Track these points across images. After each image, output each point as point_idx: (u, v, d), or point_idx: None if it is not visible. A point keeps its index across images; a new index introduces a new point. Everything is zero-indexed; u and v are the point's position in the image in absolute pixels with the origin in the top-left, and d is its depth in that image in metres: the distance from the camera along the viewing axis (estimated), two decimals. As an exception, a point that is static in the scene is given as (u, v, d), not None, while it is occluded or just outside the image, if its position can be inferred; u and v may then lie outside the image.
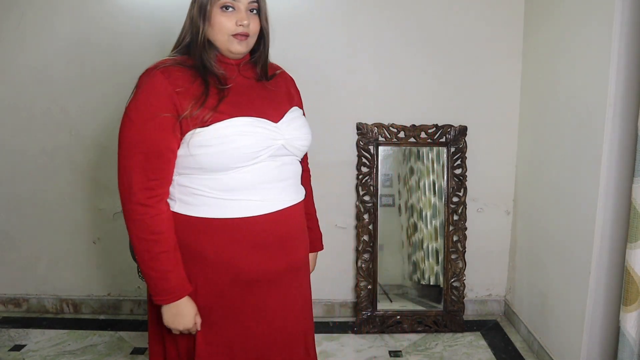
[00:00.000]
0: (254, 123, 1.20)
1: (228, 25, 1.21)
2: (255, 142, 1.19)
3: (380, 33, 2.37)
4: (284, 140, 1.24)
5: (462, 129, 2.42)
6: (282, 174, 1.26)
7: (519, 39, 2.38)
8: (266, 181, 1.23)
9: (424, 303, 2.51)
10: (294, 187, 1.32)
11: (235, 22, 1.21)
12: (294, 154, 1.29)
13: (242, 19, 1.20)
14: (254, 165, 1.21)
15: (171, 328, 1.25)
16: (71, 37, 2.40)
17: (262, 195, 1.23)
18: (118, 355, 2.28)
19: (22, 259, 2.66)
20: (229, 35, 1.22)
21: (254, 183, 1.22)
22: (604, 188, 1.73)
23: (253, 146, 1.19)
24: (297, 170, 1.33)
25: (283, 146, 1.24)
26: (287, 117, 1.28)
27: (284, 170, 1.27)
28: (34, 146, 2.52)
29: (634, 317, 1.60)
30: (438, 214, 2.46)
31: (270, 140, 1.21)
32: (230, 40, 1.23)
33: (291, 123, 1.28)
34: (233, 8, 1.21)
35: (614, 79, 1.65)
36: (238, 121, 1.19)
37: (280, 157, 1.25)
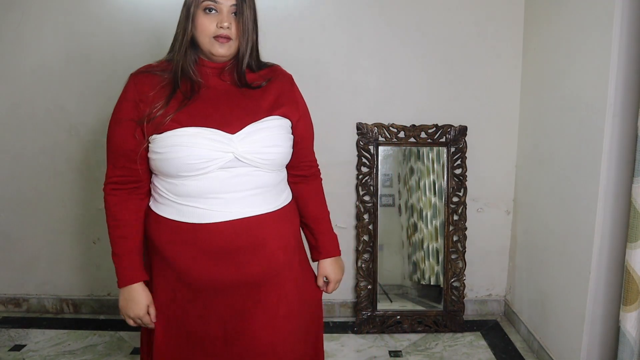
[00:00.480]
0: (203, 134, 1.20)
1: (210, 27, 1.22)
2: (199, 153, 1.19)
3: (380, 33, 2.37)
4: (236, 152, 1.21)
5: (462, 129, 2.42)
6: (238, 185, 1.23)
7: (519, 39, 2.38)
8: (215, 191, 1.22)
9: (424, 303, 2.51)
10: (255, 198, 1.26)
11: (217, 24, 1.22)
12: (255, 165, 1.24)
13: (222, 20, 1.21)
14: (203, 175, 1.22)
15: (123, 315, 1.32)
16: (71, 37, 2.40)
17: (209, 204, 1.23)
18: (118, 355, 2.28)
19: (22, 259, 2.66)
20: (210, 37, 1.23)
21: (202, 192, 1.23)
22: (604, 188, 1.73)
23: (196, 157, 1.19)
24: (262, 181, 1.27)
25: (236, 158, 1.21)
26: (248, 129, 1.23)
27: (241, 182, 1.24)
28: (34, 146, 2.52)
29: (634, 317, 1.60)
30: (438, 214, 2.46)
31: (218, 152, 1.20)
32: (212, 43, 1.23)
33: (250, 135, 1.23)
34: (216, 10, 1.22)
35: (614, 79, 1.66)
36: (186, 131, 1.21)
37: (234, 168, 1.22)
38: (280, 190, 1.34)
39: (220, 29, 1.22)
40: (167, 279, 1.32)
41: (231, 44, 1.24)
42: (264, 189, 1.28)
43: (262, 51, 1.35)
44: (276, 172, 1.31)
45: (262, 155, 1.24)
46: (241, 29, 1.24)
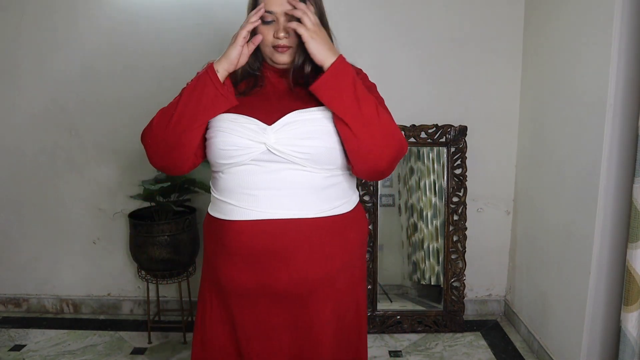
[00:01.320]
0: (239, 121, 1.17)
1: (268, 38, 1.20)
2: (231, 140, 1.15)
3: (379, 33, 2.37)
4: (268, 143, 1.14)
5: (462, 129, 2.42)
6: (272, 182, 1.15)
7: (519, 39, 2.38)
8: (246, 186, 1.16)
9: (424, 303, 2.51)
10: (292, 199, 1.16)
11: (274, 34, 1.19)
12: (291, 160, 1.14)
13: (278, 31, 1.18)
14: (237, 166, 1.17)
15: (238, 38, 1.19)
16: (71, 37, 2.40)
17: (238, 200, 1.17)
18: (118, 355, 2.27)
19: (22, 259, 2.66)
20: (270, 47, 1.21)
21: (234, 186, 1.18)
22: (604, 188, 1.73)
23: (228, 143, 1.15)
24: (302, 181, 1.15)
25: (269, 150, 1.14)
26: (286, 119, 1.15)
27: (276, 178, 1.15)
28: (34, 146, 2.52)
29: (635, 317, 1.60)
30: (438, 214, 2.46)
31: (250, 141, 1.14)
32: (272, 52, 1.21)
33: (287, 126, 1.15)
34: (273, 20, 1.19)
35: (614, 79, 1.65)
36: (227, 116, 1.18)
37: (270, 162, 1.15)
38: (332, 196, 1.19)
39: (277, 40, 1.19)
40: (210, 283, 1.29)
41: (291, 51, 1.21)
42: (305, 190, 1.16)
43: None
44: (324, 172, 1.17)
45: (296, 148, 1.13)
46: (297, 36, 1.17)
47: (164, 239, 2.23)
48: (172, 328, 2.47)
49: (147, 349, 2.33)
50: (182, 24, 2.37)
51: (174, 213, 2.33)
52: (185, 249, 2.28)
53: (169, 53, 2.39)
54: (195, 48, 2.38)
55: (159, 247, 2.22)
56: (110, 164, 2.52)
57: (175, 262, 2.27)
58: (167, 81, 2.42)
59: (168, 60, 2.40)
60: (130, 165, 2.50)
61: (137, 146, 2.48)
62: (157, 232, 2.22)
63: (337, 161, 1.17)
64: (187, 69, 2.39)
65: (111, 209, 2.56)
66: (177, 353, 2.29)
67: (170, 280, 2.32)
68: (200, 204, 2.50)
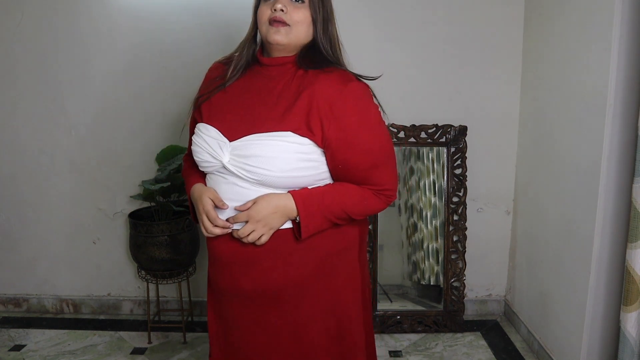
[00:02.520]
0: (207, 133, 1.19)
1: (266, 12, 1.16)
2: (199, 153, 1.21)
3: (380, 33, 2.37)
4: (224, 160, 1.15)
5: (462, 129, 2.42)
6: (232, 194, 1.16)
7: (519, 39, 2.38)
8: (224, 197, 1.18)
9: (424, 303, 2.51)
10: None
11: (271, 8, 1.14)
12: (247, 179, 1.13)
13: (276, 2, 1.13)
14: (209, 174, 1.23)
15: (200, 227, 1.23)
16: (71, 37, 2.40)
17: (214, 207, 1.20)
18: (118, 355, 2.27)
19: (22, 259, 2.66)
20: (266, 23, 1.16)
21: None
22: (604, 188, 1.73)
23: (197, 155, 1.21)
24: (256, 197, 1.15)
25: (224, 167, 1.15)
26: (243, 140, 1.14)
27: (231, 191, 1.16)
28: (34, 146, 2.52)
29: (635, 317, 1.60)
30: (438, 214, 2.46)
31: (209, 156, 1.17)
32: (267, 30, 1.16)
33: (242, 149, 1.13)
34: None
35: (614, 79, 1.65)
36: (200, 127, 1.23)
37: (228, 175, 1.16)
38: None
39: (274, 12, 1.13)
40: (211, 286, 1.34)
41: (288, 30, 1.15)
42: None
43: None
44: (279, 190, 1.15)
45: (247, 173, 1.13)
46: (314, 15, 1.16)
47: (164, 239, 2.23)
48: (172, 328, 2.47)
49: (147, 349, 2.33)
50: (182, 24, 2.37)
51: (174, 213, 2.33)
52: (185, 249, 2.28)
53: (169, 53, 2.39)
54: (196, 48, 2.38)
55: (159, 247, 2.23)
56: (110, 164, 2.52)
57: (175, 262, 2.27)
58: (167, 81, 2.43)
59: (168, 60, 2.40)
60: (130, 165, 2.50)
61: (137, 146, 2.49)
62: (157, 232, 2.22)
63: (292, 185, 1.16)
64: (187, 69, 2.40)
65: (111, 209, 2.57)
66: (177, 353, 2.29)
67: (170, 280, 2.32)
68: (200, 204, 2.50)
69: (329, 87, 1.14)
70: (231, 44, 2.35)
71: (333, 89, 1.14)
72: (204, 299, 2.62)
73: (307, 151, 1.13)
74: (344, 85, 1.15)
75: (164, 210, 2.31)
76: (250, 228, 1.14)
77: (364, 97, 1.18)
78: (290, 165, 1.12)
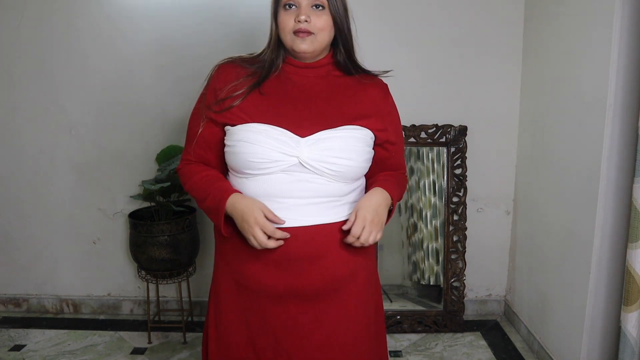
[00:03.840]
0: (270, 132, 1.17)
1: (289, 23, 1.19)
2: (262, 153, 1.16)
3: (380, 33, 2.37)
4: (301, 157, 1.16)
5: (462, 129, 2.42)
6: (300, 191, 1.18)
7: (519, 39, 2.38)
8: (276, 194, 1.18)
9: (424, 303, 2.51)
10: (318, 207, 1.19)
11: (295, 18, 1.18)
12: (320, 174, 1.18)
13: (299, 14, 1.17)
14: (266, 175, 1.18)
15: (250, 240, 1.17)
16: (71, 37, 2.40)
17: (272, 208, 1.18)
18: (118, 355, 2.27)
19: (22, 259, 2.66)
20: (290, 33, 1.20)
21: (263, 193, 1.19)
22: (604, 188, 1.73)
23: (259, 156, 1.16)
24: (327, 190, 1.19)
25: (300, 163, 1.16)
26: (320, 135, 1.18)
27: (304, 188, 1.18)
28: (34, 146, 2.52)
29: (635, 317, 1.60)
30: (438, 214, 2.46)
31: (281, 154, 1.16)
32: (293, 39, 1.20)
33: (321, 142, 1.17)
34: (295, 6, 1.19)
35: (614, 78, 1.65)
36: (254, 127, 1.18)
37: (298, 172, 1.17)
38: (351, 200, 1.24)
39: (298, 23, 1.17)
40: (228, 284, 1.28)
41: (313, 38, 1.20)
42: (329, 198, 1.20)
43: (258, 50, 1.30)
44: (344, 182, 1.21)
45: (329, 165, 1.17)
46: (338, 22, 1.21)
47: (164, 239, 2.23)
48: (172, 328, 2.47)
49: (147, 349, 2.33)
50: (182, 24, 2.37)
51: (174, 213, 2.33)
52: (185, 249, 2.28)
53: (169, 53, 2.39)
54: (196, 48, 2.38)
55: (159, 247, 2.23)
56: (110, 164, 2.52)
57: (175, 262, 2.27)
58: (167, 81, 2.43)
59: (168, 59, 2.40)
60: (130, 165, 2.50)
61: (137, 146, 2.49)
62: (157, 232, 2.22)
63: (360, 175, 1.26)
64: (187, 69, 2.40)
65: (111, 209, 2.57)
66: (177, 353, 2.29)
67: (170, 280, 2.32)
68: (200, 204, 2.50)
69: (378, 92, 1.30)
70: (231, 42, 2.37)
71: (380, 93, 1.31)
72: (204, 299, 2.62)
73: (370, 143, 1.26)
74: (386, 92, 1.34)
75: (164, 210, 2.31)
76: (368, 232, 1.18)
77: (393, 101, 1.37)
78: (363, 156, 1.22)
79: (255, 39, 2.34)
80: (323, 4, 1.19)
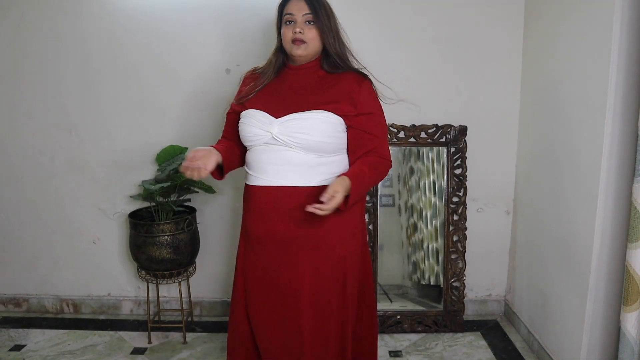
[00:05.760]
0: (255, 115, 1.61)
1: (288, 34, 1.59)
2: (249, 129, 1.61)
3: (380, 32, 2.37)
4: (273, 132, 1.56)
5: (462, 129, 2.42)
6: (276, 159, 1.57)
7: (519, 39, 2.38)
8: (261, 162, 1.59)
9: (424, 303, 2.51)
10: (289, 172, 1.57)
11: (292, 31, 1.58)
12: (291, 146, 1.55)
13: (296, 27, 1.58)
14: (256, 147, 1.61)
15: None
16: (71, 37, 2.40)
17: (257, 171, 1.62)
18: (118, 355, 2.28)
19: (22, 259, 2.66)
20: (289, 42, 1.59)
21: (255, 161, 1.62)
22: (604, 188, 1.73)
23: (247, 131, 1.61)
24: (296, 159, 1.56)
25: (273, 137, 1.56)
26: (289, 116, 1.56)
27: (278, 157, 1.57)
28: (34, 146, 2.52)
29: (635, 317, 1.60)
30: (438, 214, 2.46)
31: (259, 130, 1.58)
32: (291, 46, 1.60)
33: (289, 122, 1.55)
34: (294, 22, 1.59)
35: (614, 79, 1.65)
36: (249, 112, 1.63)
37: (275, 145, 1.57)
38: (322, 172, 1.57)
39: (295, 34, 1.57)
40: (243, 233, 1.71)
41: (306, 46, 1.59)
42: (301, 167, 1.56)
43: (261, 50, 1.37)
44: (314, 154, 1.56)
45: (292, 139, 1.54)
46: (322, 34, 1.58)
47: (164, 239, 2.23)
48: (172, 328, 2.47)
49: (147, 349, 2.33)
50: (182, 24, 2.37)
51: (174, 213, 2.33)
52: (185, 249, 2.29)
53: (169, 52, 2.39)
54: (196, 48, 2.38)
55: (159, 247, 2.23)
56: (110, 164, 2.52)
57: (175, 262, 2.27)
58: (167, 81, 2.43)
59: (168, 59, 2.40)
60: (130, 165, 2.50)
61: (137, 146, 2.49)
62: (157, 232, 2.22)
63: (324, 150, 1.56)
64: (187, 69, 2.40)
65: (111, 209, 2.57)
66: (177, 353, 2.29)
67: (170, 280, 2.32)
68: (200, 204, 2.50)
69: (350, 84, 1.61)
70: (231, 43, 2.37)
71: (353, 85, 1.60)
72: (204, 299, 2.63)
73: (336, 125, 1.57)
74: (360, 82, 1.62)
75: (164, 210, 2.31)
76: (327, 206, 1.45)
77: (372, 90, 1.65)
78: (323, 133, 1.55)
79: (255, 39, 2.34)
80: (313, 20, 1.58)
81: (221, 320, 2.60)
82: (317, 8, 1.57)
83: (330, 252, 1.61)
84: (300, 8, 1.57)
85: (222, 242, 2.57)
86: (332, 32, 1.60)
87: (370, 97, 1.62)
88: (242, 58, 2.35)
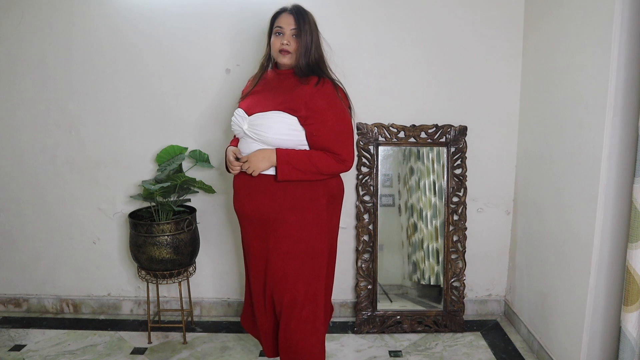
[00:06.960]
0: (237, 112, 1.89)
1: (276, 44, 1.83)
2: (232, 125, 1.91)
3: (380, 33, 2.37)
4: (244, 127, 1.83)
5: (462, 129, 2.42)
6: (248, 150, 1.83)
7: (519, 39, 2.38)
8: (243, 151, 1.85)
9: (424, 303, 2.51)
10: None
11: (280, 42, 1.82)
12: (255, 140, 1.81)
13: (283, 39, 1.82)
14: (239, 138, 1.90)
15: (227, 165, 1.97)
16: (71, 37, 2.40)
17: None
18: (118, 355, 2.28)
19: (22, 259, 2.66)
20: (277, 51, 1.84)
21: (242, 150, 1.87)
22: (604, 188, 1.73)
23: (232, 126, 1.91)
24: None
25: (244, 132, 1.83)
26: (256, 115, 1.81)
27: (249, 148, 1.83)
28: (34, 146, 2.53)
29: (635, 317, 1.60)
30: (438, 214, 2.46)
31: (237, 125, 1.87)
32: (277, 55, 1.84)
33: (255, 119, 1.80)
34: (282, 33, 1.82)
35: (614, 79, 1.65)
36: (236, 110, 1.91)
37: (249, 138, 1.82)
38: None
39: (282, 45, 1.81)
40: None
41: (290, 55, 1.83)
42: None
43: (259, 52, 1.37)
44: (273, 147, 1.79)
45: (254, 134, 1.80)
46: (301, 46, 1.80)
47: (164, 239, 2.23)
48: (172, 328, 2.47)
49: (147, 349, 2.33)
50: (182, 24, 2.37)
51: (174, 213, 2.33)
52: (185, 249, 2.29)
53: (170, 53, 2.39)
54: (196, 48, 2.38)
55: (159, 247, 2.23)
56: (110, 164, 2.52)
57: (175, 262, 2.27)
58: (167, 81, 2.43)
59: (168, 59, 2.40)
60: (130, 165, 2.50)
61: (137, 146, 2.49)
62: (157, 232, 2.22)
63: (284, 144, 1.78)
64: (187, 69, 2.40)
65: (111, 209, 2.57)
66: (177, 353, 2.29)
67: (170, 280, 2.32)
68: (200, 204, 2.50)
69: (310, 87, 1.80)
70: (230, 44, 2.37)
71: (312, 88, 1.79)
72: (204, 298, 2.62)
73: (291, 124, 1.77)
74: (319, 86, 1.80)
75: (164, 210, 2.31)
76: (247, 164, 1.80)
77: (331, 93, 1.81)
78: (280, 131, 1.77)
79: (254, 39, 2.34)
80: (298, 34, 1.81)
81: (221, 320, 2.60)
82: (302, 24, 1.81)
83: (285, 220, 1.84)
84: (288, 22, 1.82)
85: (222, 242, 2.57)
86: (313, 45, 1.82)
87: (322, 98, 1.77)
88: (242, 58, 2.36)
